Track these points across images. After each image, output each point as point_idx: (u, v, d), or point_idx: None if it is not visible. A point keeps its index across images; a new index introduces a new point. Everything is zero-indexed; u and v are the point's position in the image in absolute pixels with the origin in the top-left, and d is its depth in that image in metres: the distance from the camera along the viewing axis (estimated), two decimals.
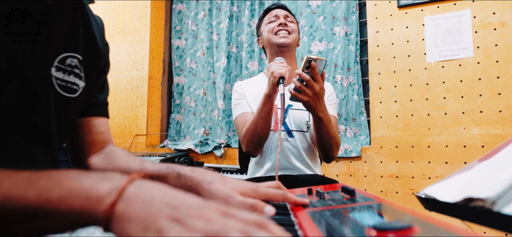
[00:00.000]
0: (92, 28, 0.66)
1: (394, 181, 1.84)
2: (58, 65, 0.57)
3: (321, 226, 0.37)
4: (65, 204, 0.31)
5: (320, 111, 1.01)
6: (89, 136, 0.68)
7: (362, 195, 0.52)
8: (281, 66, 1.01)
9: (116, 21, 3.13)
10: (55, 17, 0.56)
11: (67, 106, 0.60)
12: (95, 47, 0.66)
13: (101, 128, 0.70)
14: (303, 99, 0.98)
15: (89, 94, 0.67)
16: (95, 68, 0.67)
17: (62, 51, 0.58)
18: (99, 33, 0.69)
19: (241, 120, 1.22)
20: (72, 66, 0.59)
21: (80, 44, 0.62)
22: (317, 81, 0.96)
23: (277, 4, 1.34)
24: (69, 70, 0.59)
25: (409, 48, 1.89)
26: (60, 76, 0.57)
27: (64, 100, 0.58)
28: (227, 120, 2.58)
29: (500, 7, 1.67)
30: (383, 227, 0.30)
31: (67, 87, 0.59)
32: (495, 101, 1.65)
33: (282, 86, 0.98)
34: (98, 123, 0.70)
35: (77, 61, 0.61)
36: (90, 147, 0.69)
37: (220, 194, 0.51)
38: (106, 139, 0.71)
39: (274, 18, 1.28)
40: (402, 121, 1.87)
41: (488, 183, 0.34)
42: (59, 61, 0.57)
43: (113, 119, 3.02)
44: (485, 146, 1.64)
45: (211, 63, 2.74)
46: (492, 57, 1.68)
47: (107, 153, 0.69)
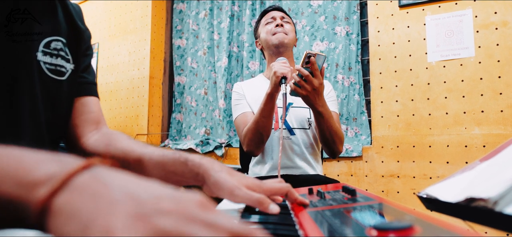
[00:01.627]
0: (71, 12, 0.66)
1: (395, 181, 1.84)
2: (44, 50, 0.58)
3: (322, 226, 0.37)
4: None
5: (320, 105, 1.02)
6: (82, 116, 0.67)
7: (363, 195, 0.52)
8: (283, 66, 1.02)
9: (117, 20, 3.14)
10: (34, 3, 0.57)
11: (58, 89, 0.61)
12: (77, 29, 0.67)
13: (93, 107, 0.70)
14: (302, 93, 1.00)
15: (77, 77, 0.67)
16: (79, 50, 0.67)
17: (46, 35, 0.59)
18: (78, 16, 0.70)
19: (242, 120, 1.23)
20: (58, 49, 0.61)
21: (62, 28, 0.63)
22: (316, 77, 0.97)
23: (274, 6, 1.37)
24: (55, 54, 0.60)
25: (410, 47, 1.88)
26: (48, 60, 0.58)
27: (55, 82, 0.59)
28: (228, 120, 2.58)
29: (501, 6, 1.67)
30: (384, 227, 0.30)
31: (56, 70, 0.60)
32: (496, 100, 1.65)
33: (284, 86, 0.99)
34: (89, 101, 0.69)
35: (61, 44, 0.62)
36: (84, 126, 0.67)
37: (227, 184, 0.49)
38: (100, 119, 0.70)
39: (271, 20, 1.30)
40: (403, 120, 1.86)
41: (490, 183, 0.34)
42: (44, 45, 0.58)
43: (114, 119, 3.03)
44: (487, 146, 1.64)
45: (212, 62, 2.74)
46: (494, 57, 1.67)
47: (106, 134, 0.67)
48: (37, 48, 0.57)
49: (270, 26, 1.28)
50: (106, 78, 3.14)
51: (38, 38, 0.57)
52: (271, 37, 1.26)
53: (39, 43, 0.57)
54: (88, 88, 0.70)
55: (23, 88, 0.54)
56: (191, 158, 0.54)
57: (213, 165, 0.53)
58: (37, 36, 0.57)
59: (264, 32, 1.29)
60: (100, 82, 3.18)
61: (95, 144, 0.65)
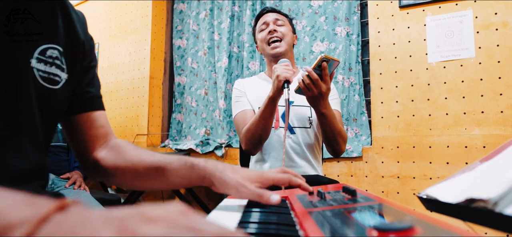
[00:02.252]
0: (73, 20, 0.65)
1: (395, 182, 1.84)
2: (38, 57, 0.57)
3: (322, 227, 0.37)
4: None
5: (323, 107, 1.03)
6: (91, 131, 0.69)
7: (364, 195, 0.52)
8: (286, 70, 1.02)
9: (117, 20, 3.14)
10: (33, 8, 0.56)
11: (50, 97, 0.60)
12: (76, 39, 0.66)
13: (101, 121, 0.71)
14: (308, 94, 1.00)
15: (76, 88, 0.67)
16: (77, 60, 0.66)
17: (42, 42, 0.58)
18: (81, 25, 0.68)
19: (241, 118, 1.23)
20: (53, 58, 0.60)
21: (60, 35, 0.62)
22: (325, 82, 0.98)
23: (267, 8, 1.33)
24: (50, 62, 0.59)
25: (410, 48, 1.88)
26: (42, 67, 0.57)
27: (47, 91, 0.59)
28: (228, 120, 2.58)
29: (502, 7, 1.67)
30: (385, 228, 0.30)
31: (49, 78, 0.59)
32: (496, 101, 1.65)
33: (286, 91, 0.98)
34: (97, 116, 0.70)
35: (57, 52, 0.61)
36: (94, 141, 0.69)
37: (232, 182, 0.55)
38: (108, 132, 0.72)
39: (264, 26, 1.28)
40: (404, 121, 1.86)
41: (490, 184, 0.34)
42: (40, 52, 0.57)
43: (114, 119, 3.03)
44: (487, 147, 1.64)
45: (212, 63, 2.74)
46: (494, 58, 1.67)
47: (114, 147, 0.70)
48: (32, 54, 0.55)
49: (264, 34, 1.26)
50: (106, 78, 3.14)
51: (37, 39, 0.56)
52: (266, 47, 1.25)
53: (34, 49, 0.56)
54: (95, 102, 0.71)
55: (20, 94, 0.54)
56: (197, 162, 0.60)
57: (217, 166, 0.58)
58: (37, 37, 0.56)
59: (259, 39, 1.28)
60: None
61: (104, 158, 0.68)
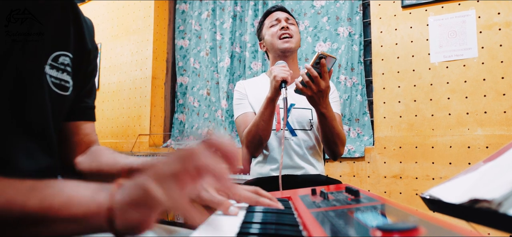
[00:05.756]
0: (83, 28, 0.66)
1: (398, 182, 1.84)
2: (51, 63, 0.58)
3: (325, 227, 0.37)
4: (66, 211, 0.34)
5: (323, 107, 1.02)
6: (76, 137, 0.70)
7: (366, 195, 0.52)
8: (283, 70, 1.02)
9: (119, 21, 3.15)
10: (46, 16, 0.57)
11: (61, 103, 0.61)
12: (84, 47, 0.67)
13: (88, 130, 0.73)
14: (307, 93, 1.00)
15: (76, 95, 0.68)
16: (82, 68, 0.67)
17: (56, 49, 0.59)
18: (89, 34, 0.70)
19: (243, 120, 1.23)
20: (65, 65, 0.61)
21: (71, 42, 0.63)
22: (324, 79, 0.97)
23: (277, 6, 1.33)
24: (62, 68, 0.60)
25: (413, 48, 1.88)
26: (54, 74, 0.58)
27: (58, 97, 0.60)
28: (230, 120, 2.59)
29: (505, 7, 1.66)
30: (389, 228, 0.30)
31: (61, 85, 0.60)
32: (499, 101, 1.64)
33: (284, 90, 0.99)
34: (85, 126, 0.72)
35: (69, 59, 0.62)
36: (77, 147, 0.71)
37: None
38: (92, 140, 0.74)
39: (275, 22, 1.27)
40: (406, 121, 1.86)
41: (494, 185, 0.34)
42: (53, 59, 0.58)
43: (117, 119, 3.04)
44: (490, 147, 1.63)
45: (214, 63, 2.75)
46: (497, 58, 1.67)
47: (92, 152, 0.72)
48: (46, 60, 0.57)
49: (275, 29, 1.25)
50: (108, 78, 3.15)
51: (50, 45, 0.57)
52: (277, 41, 1.23)
53: (48, 56, 0.57)
54: (88, 113, 0.73)
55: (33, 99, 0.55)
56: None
57: None
58: (50, 43, 0.57)
59: (269, 34, 1.26)
60: (102, 82, 3.19)
61: (81, 162, 0.70)
